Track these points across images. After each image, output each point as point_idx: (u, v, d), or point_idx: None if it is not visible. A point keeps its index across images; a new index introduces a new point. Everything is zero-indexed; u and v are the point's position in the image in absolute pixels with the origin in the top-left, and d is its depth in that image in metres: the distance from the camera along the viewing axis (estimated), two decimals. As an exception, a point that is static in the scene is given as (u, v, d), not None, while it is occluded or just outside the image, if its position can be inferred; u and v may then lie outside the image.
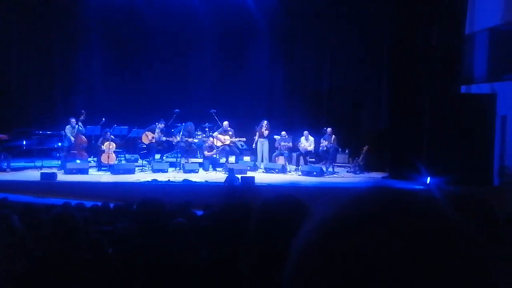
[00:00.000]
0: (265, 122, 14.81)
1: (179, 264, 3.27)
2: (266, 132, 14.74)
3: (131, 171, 13.22)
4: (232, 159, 14.74)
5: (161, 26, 16.75)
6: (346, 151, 15.58)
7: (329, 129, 14.72)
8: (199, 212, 7.44)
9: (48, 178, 12.03)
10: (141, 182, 12.30)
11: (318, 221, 0.67)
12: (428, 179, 12.32)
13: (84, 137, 13.94)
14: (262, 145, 14.82)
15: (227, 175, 12.68)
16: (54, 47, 16.59)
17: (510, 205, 9.46)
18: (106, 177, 12.97)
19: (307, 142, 14.65)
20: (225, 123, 14.70)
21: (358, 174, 14.19)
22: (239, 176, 12.50)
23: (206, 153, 14.39)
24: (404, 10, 13.96)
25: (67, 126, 13.81)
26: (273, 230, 1.61)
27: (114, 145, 13.80)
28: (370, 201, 0.66)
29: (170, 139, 14.42)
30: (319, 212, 0.67)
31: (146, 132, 14.40)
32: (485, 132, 12.81)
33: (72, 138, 13.72)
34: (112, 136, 13.78)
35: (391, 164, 14.06)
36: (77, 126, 13.81)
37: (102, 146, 13.63)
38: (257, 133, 14.83)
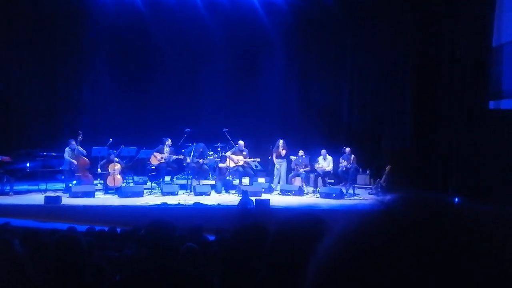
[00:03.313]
0: (281, 141, 14.77)
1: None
2: (283, 152, 14.69)
3: (139, 194, 13.22)
4: (246, 180, 14.70)
5: (171, 43, 16.92)
6: (367, 171, 15.44)
7: (347, 149, 14.59)
8: (211, 237, 7.42)
9: (53, 201, 12.07)
10: (150, 205, 12.30)
11: (338, 233, 0.64)
12: (456, 200, 12.16)
13: (86, 158, 13.96)
14: (280, 166, 14.77)
15: (240, 198, 12.64)
16: (58, 65, 16.77)
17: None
18: (113, 200, 12.99)
19: (325, 162, 14.56)
20: (241, 142, 14.67)
21: (380, 196, 14.02)
22: (253, 198, 12.46)
23: (220, 164, 14.59)
24: (428, 22, 13.94)
25: (66, 149, 13.79)
26: (289, 253, 1.55)
27: (119, 166, 13.82)
28: (394, 210, 0.63)
29: (180, 157, 14.41)
30: (339, 225, 0.65)
31: (155, 153, 14.42)
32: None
33: (74, 161, 13.72)
34: (116, 158, 13.81)
35: (416, 184, 13.90)
36: (77, 147, 13.84)
37: (108, 168, 13.66)
38: (274, 154, 14.78)
